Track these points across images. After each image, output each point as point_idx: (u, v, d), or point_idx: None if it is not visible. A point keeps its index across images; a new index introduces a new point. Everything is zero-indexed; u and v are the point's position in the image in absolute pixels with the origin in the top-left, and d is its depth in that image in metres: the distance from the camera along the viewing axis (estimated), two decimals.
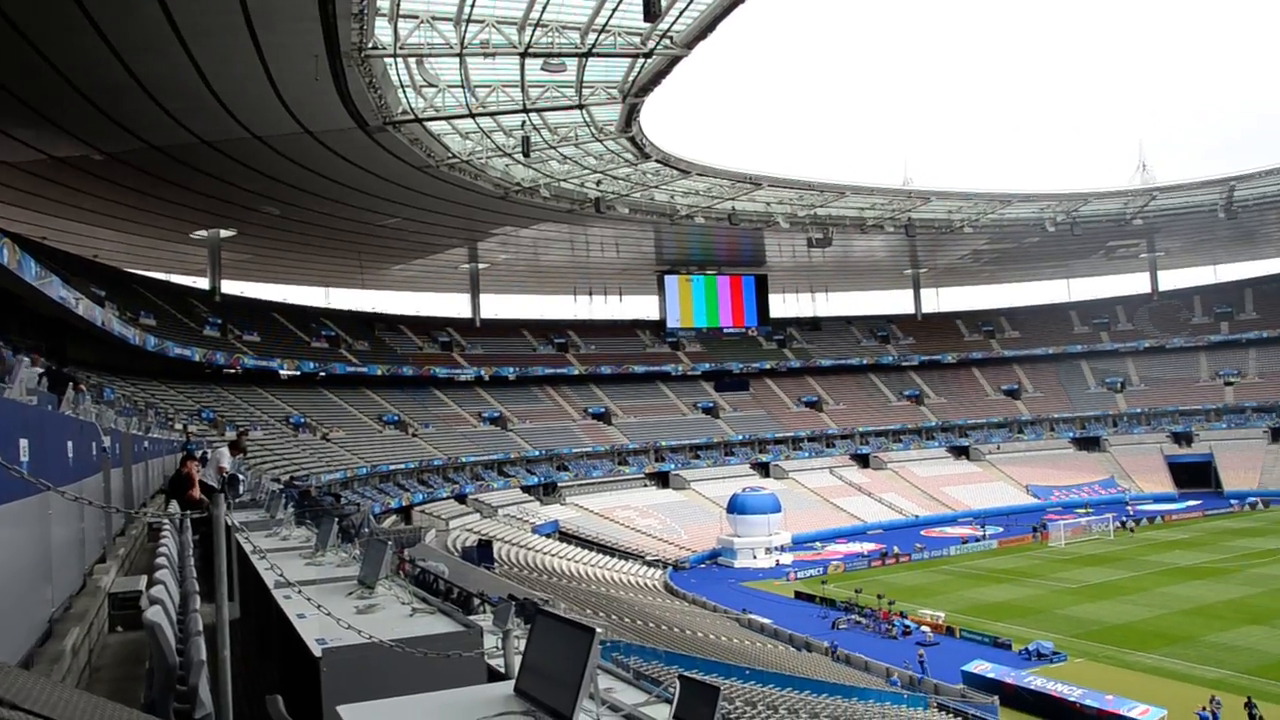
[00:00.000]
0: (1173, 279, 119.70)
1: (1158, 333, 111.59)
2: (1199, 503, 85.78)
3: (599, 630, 4.30)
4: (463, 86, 45.50)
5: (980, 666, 35.66)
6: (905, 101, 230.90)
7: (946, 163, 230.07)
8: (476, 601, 22.88)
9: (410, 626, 5.94)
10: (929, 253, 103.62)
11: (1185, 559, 59.86)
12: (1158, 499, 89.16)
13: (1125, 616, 45.57)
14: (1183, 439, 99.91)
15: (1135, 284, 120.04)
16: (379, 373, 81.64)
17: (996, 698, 32.61)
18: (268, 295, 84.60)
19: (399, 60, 41.47)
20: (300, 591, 6.20)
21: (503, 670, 5.92)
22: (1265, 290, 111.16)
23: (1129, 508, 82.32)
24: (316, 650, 5.32)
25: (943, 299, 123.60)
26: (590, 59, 43.50)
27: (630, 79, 47.51)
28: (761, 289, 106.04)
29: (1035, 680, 33.83)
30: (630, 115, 53.37)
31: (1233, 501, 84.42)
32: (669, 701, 4.77)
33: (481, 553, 52.16)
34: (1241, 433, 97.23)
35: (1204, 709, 29.08)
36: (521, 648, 4.81)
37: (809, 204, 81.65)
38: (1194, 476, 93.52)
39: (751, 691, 26.89)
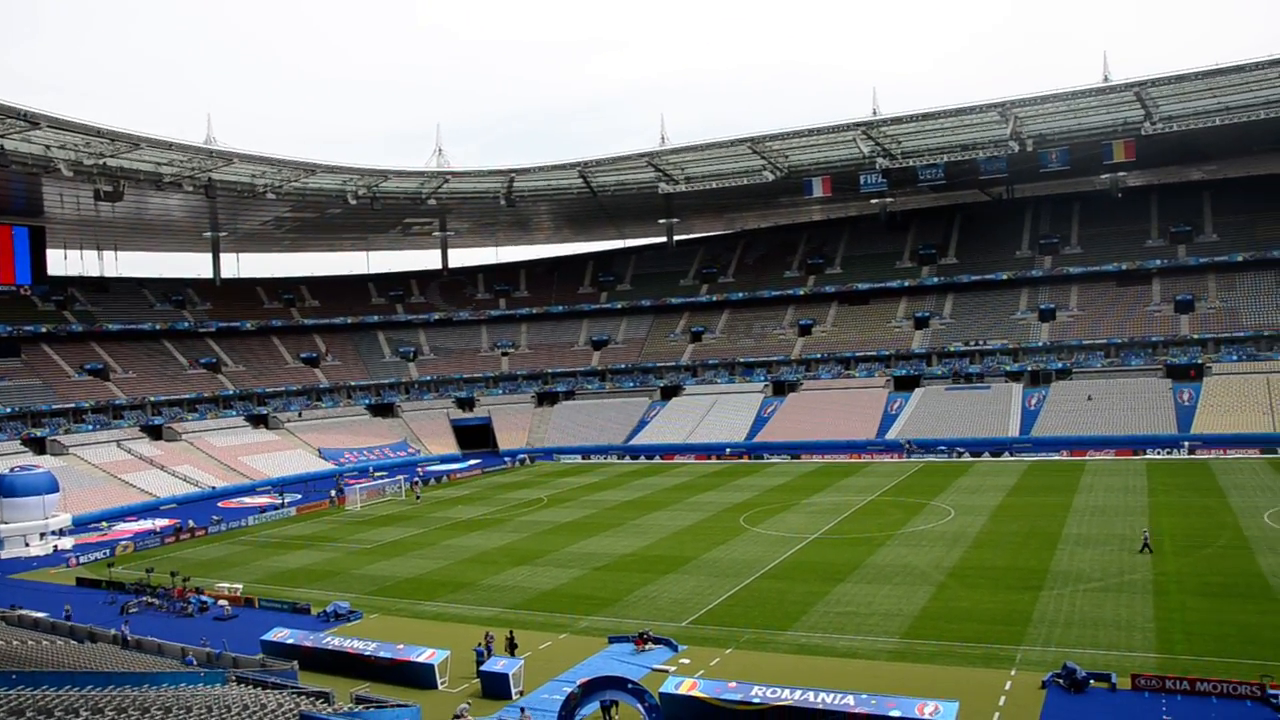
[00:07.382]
0: (461, 257, 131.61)
1: (447, 306, 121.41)
2: (479, 461, 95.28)
3: None
4: None
5: (280, 634, 35.75)
6: (213, 58, 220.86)
7: (255, 127, 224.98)
8: None
9: None
10: (230, 216, 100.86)
11: (467, 513, 66.06)
12: (445, 459, 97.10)
13: (416, 570, 49.02)
14: (466, 404, 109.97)
15: (428, 260, 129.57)
16: None
17: (296, 662, 32.98)
18: None
19: None
20: None
21: None
22: (536, 271, 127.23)
23: (419, 469, 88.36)
24: None
25: (243, 265, 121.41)
26: None
27: None
28: (38, 242, 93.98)
29: (333, 640, 34.85)
30: None
31: (506, 459, 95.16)
32: None
33: None
34: (514, 398, 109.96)
35: (479, 644, 32.53)
36: None
37: (98, 152, 74.48)
38: (475, 438, 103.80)
39: (20, 697, 24.00)
